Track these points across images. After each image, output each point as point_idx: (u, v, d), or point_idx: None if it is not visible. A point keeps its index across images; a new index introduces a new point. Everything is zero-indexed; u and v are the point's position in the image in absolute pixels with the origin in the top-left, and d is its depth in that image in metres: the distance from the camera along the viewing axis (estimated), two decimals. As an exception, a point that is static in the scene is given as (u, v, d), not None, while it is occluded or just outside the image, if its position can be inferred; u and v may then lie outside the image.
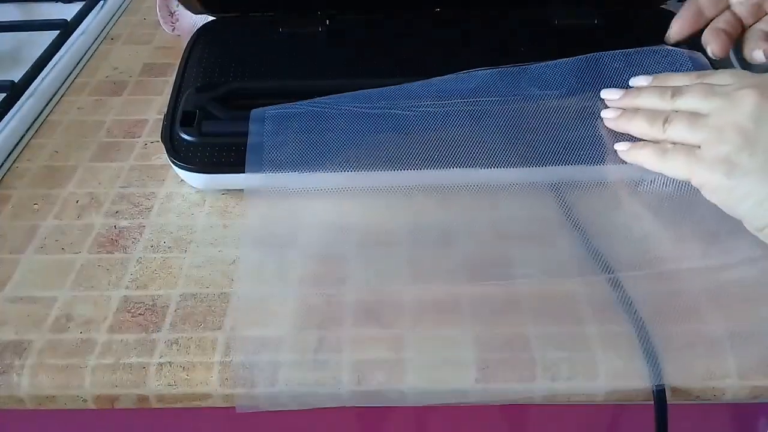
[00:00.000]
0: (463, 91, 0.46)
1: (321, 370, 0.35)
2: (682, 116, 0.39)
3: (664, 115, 0.40)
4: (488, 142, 0.44)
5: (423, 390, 0.35)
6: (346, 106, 0.46)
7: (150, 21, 0.67)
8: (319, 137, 0.44)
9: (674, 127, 0.39)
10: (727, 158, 0.36)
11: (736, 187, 0.36)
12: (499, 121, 0.45)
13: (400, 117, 0.45)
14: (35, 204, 0.46)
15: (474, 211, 0.43)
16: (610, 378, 0.35)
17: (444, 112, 0.45)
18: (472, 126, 0.44)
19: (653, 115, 0.41)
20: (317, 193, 0.44)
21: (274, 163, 0.43)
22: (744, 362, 0.34)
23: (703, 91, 0.39)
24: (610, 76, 0.46)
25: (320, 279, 0.39)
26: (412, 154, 0.43)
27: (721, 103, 0.38)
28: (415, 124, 0.45)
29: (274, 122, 0.45)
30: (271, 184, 0.43)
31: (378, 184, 0.44)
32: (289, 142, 0.44)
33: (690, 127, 0.39)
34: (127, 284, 0.40)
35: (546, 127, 0.44)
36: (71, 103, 0.56)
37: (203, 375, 0.36)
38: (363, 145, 0.44)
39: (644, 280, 0.38)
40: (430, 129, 0.44)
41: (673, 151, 0.39)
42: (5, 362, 0.36)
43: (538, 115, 0.45)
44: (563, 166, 0.43)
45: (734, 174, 0.36)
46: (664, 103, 0.41)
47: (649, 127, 0.41)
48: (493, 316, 0.37)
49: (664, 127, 0.40)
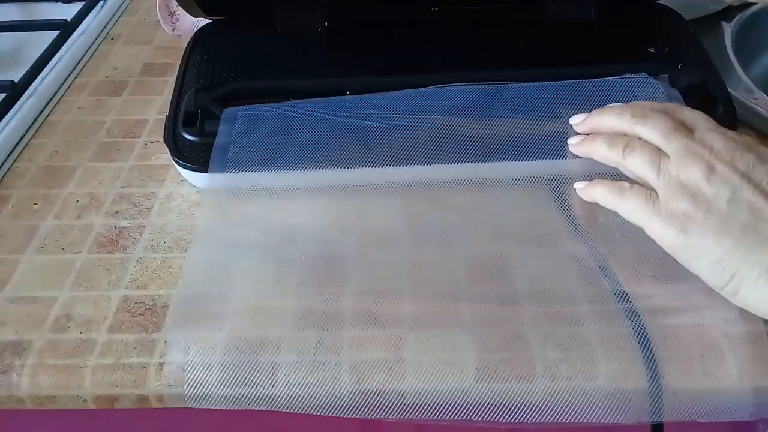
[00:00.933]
0: (437, 109, 0.46)
1: (320, 371, 0.35)
2: (644, 149, 0.39)
3: (625, 140, 0.40)
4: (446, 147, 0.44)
5: (423, 390, 0.35)
6: (318, 112, 0.46)
7: (150, 21, 0.67)
8: (284, 138, 0.45)
9: (633, 158, 0.39)
10: (683, 215, 0.36)
11: (692, 245, 0.35)
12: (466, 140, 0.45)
13: (368, 128, 0.45)
14: (35, 204, 0.46)
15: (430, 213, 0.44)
16: (610, 378, 0.35)
17: (412, 126, 0.45)
18: (436, 143, 0.45)
19: (613, 139, 0.40)
20: (273, 192, 0.44)
21: (237, 163, 0.44)
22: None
23: (666, 128, 0.38)
24: (583, 102, 0.46)
25: (264, 281, 0.40)
26: (367, 156, 0.44)
27: (681, 150, 0.37)
28: (381, 136, 0.45)
29: (244, 123, 0.46)
30: (231, 184, 0.44)
31: (329, 183, 0.44)
32: (255, 143, 0.45)
33: (650, 167, 0.38)
34: (127, 284, 0.40)
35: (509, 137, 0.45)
36: (71, 103, 0.56)
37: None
38: (323, 148, 0.45)
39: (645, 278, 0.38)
40: (394, 143, 0.45)
41: (630, 193, 0.38)
42: (5, 362, 0.36)
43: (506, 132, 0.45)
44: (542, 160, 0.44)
45: (689, 232, 0.35)
46: (622, 123, 0.41)
47: (608, 150, 0.40)
48: (493, 316, 0.37)
49: (624, 153, 0.39)
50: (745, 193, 0.35)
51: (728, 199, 0.35)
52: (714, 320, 0.36)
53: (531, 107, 0.46)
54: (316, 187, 0.45)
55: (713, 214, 0.35)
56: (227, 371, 0.35)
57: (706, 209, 0.35)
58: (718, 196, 0.35)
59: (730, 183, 0.35)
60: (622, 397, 0.35)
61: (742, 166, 0.36)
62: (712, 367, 0.35)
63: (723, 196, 0.35)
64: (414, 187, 0.45)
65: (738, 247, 0.34)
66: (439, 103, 0.46)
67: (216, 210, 0.44)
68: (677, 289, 0.38)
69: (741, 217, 0.35)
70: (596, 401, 0.35)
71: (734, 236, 0.34)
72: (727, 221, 0.35)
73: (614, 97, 0.46)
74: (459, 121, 0.45)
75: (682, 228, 0.36)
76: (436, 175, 0.45)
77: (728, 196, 0.35)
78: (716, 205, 0.35)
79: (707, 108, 0.46)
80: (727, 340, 0.35)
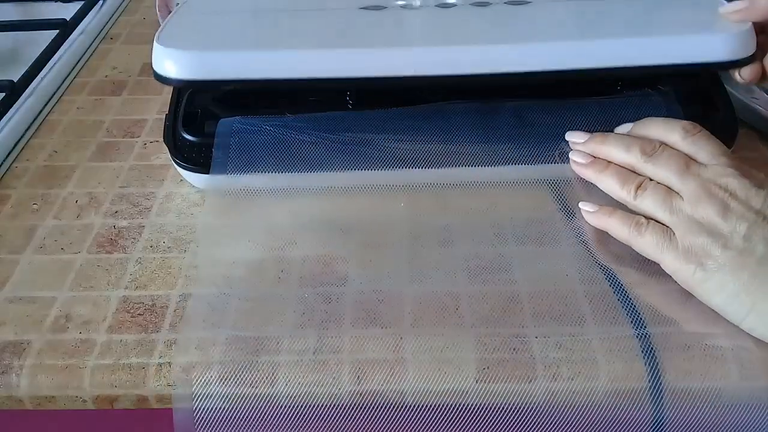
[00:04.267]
0: (439, 127, 0.45)
1: (320, 371, 0.35)
2: (656, 191, 0.39)
3: (638, 179, 0.40)
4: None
5: (423, 390, 0.35)
6: (317, 132, 0.45)
7: (149, 20, 0.67)
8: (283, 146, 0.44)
9: (647, 200, 0.39)
10: (701, 250, 0.36)
11: (709, 280, 0.36)
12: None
13: (363, 155, 0.44)
14: (34, 204, 0.46)
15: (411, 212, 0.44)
16: (611, 378, 0.35)
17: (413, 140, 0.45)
18: (437, 146, 0.44)
19: (625, 176, 0.40)
20: (273, 193, 0.44)
21: (238, 164, 0.44)
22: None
23: (678, 168, 0.39)
24: (582, 120, 0.45)
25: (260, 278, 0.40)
26: (368, 157, 0.44)
27: (696, 191, 0.37)
28: (381, 143, 0.44)
29: (240, 137, 0.45)
30: (232, 184, 0.44)
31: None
32: (255, 147, 0.44)
33: (663, 207, 0.38)
34: (127, 284, 0.40)
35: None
36: (70, 103, 0.56)
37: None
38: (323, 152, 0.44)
39: (645, 279, 0.39)
40: (395, 146, 0.44)
41: (647, 230, 0.38)
42: (4, 362, 0.36)
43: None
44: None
45: (706, 267, 0.36)
46: (630, 158, 0.40)
47: (620, 189, 0.40)
48: (493, 316, 0.37)
49: (636, 193, 0.39)
50: (760, 229, 0.36)
51: (744, 235, 0.35)
52: (714, 319, 0.36)
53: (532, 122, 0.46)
54: (317, 188, 0.45)
55: (730, 249, 0.35)
56: (227, 371, 0.35)
57: (722, 244, 0.36)
58: (734, 232, 0.36)
59: (745, 219, 0.36)
60: (623, 398, 0.35)
61: (756, 204, 0.36)
62: (714, 367, 0.35)
63: (739, 232, 0.36)
64: (414, 188, 0.45)
65: (754, 281, 0.35)
66: (441, 122, 0.46)
67: (217, 210, 0.44)
68: (677, 289, 0.38)
69: (757, 252, 0.35)
70: (597, 402, 0.35)
71: (751, 270, 0.35)
72: (743, 256, 0.35)
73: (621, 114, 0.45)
74: (461, 135, 0.45)
75: (699, 263, 0.36)
76: (436, 176, 0.45)
77: (744, 232, 0.36)
78: (732, 240, 0.36)
79: (707, 109, 0.47)
80: (729, 339, 0.35)
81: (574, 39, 0.43)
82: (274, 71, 0.42)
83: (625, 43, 0.43)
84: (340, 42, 0.43)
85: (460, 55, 0.43)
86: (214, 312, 0.38)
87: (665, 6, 0.47)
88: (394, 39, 0.44)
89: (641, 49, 0.43)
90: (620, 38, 0.43)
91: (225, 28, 0.46)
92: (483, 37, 0.44)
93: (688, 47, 0.43)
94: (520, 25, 0.45)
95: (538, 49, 0.43)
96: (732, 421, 0.34)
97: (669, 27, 0.44)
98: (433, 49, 0.43)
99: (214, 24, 0.47)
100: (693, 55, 0.43)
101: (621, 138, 0.42)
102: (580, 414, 0.35)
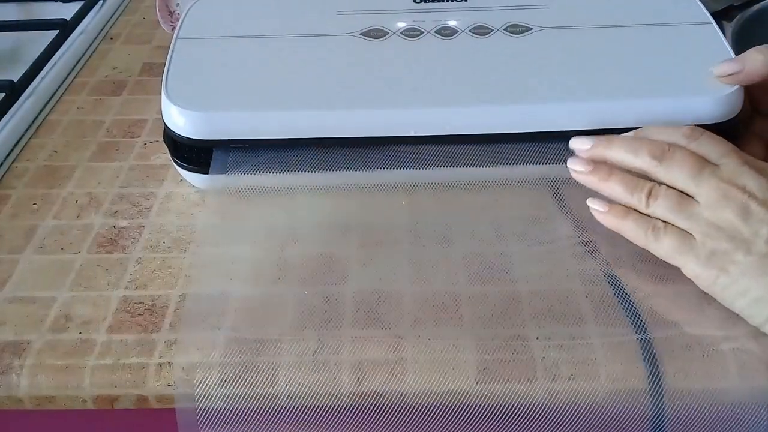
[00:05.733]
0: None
1: (320, 371, 0.35)
2: (669, 195, 0.37)
3: (647, 186, 0.38)
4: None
5: (423, 390, 0.35)
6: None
7: (149, 20, 0.67)
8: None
9: (660, 206, 0.38)
10: (723, 256, 0.35)
11: (732, 285, 0.35)
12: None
13: (363, 154, 0.45)
14: (34, 204, 0.46)
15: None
16: (611, 379, 0.35)
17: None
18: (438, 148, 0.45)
19: (633, 183, 0.39)
20: (273, 193, 0.45)
21: (238, 164, 0.44)
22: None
23: (691, 170, 0.37)
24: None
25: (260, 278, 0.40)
26: (369, 158, 0.44)
27: (713, 194, 0.36)
28: (377, 159, 0.44)
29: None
30: (233, 184, 0.44)
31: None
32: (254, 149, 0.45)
33: (679, 213, 0.37)
34: (127, 284, 0.40)
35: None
36: (70, 103, 0.56)
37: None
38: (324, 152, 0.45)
39: (646, 279, 0.39)
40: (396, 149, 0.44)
41: (664, 235, 0.37)
42: (4, 362, 0.36)
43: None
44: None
45: (729, 272, 0.35)
46: (638, 162, 0.39)
47: (629, 196, 0.38)
48: (493, 316, 0.37)
49: (648, 201, 0.38)
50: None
51: (767, 239, 0.35)
52: (715, 320, 0.36)
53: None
54: (317, 188, 0.45)
55: (753, 254, 0.35)
56: (227, 371, 0.35)
57: (745, 249, 0.35)
58: (757, 235, 0.35)
59: (766, 222, 0.35)
60: (623, 398, 0.35)
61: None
62: (714, 368, 0.35)
63: (761, 236, 0.35)
64: (415, 188, 0.45)
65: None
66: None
67: (217, 210, 0.44)
68: (677, 289, 0.38)
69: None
70: (597, 402, 0.35)
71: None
72: (766, 260, 0.35)
73: None
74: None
75: (722, 268, 0.35)
76: (437, 176, 0.45)
77: (767, 236, 0.35)
78: (756, 245, 0.35)
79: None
80: (729, 339, 0.35)
81: (564, 101, 0.43)
82: (281, 132, 0.44)
83: (612, 106, 0.43)
84: (345, 101, 0.44)
85: (458, 117, 0.44)
86: (215, 312, 0.38)
87: (659, 53, 0.46)
88: (394, 98, 0.44)
89: (629, 111, 0.43)
90: (606, 101, 0.44)
91: (230, 74, 0.46)
92: (483, 97, 0.44)
93: (674, 110, 0.43)
94: (519, 78, 0.45)
95: (536, 111, 0.44)
96: (732, 421, 0.34)
97: (658, 86, 0.44)
98: (432, 111, 0.44)
99: (218, 66, 0.47)
100: (681, 118, 0.42)
101: (627, 141, 0.40)
102: (580, 414, 0.35)
